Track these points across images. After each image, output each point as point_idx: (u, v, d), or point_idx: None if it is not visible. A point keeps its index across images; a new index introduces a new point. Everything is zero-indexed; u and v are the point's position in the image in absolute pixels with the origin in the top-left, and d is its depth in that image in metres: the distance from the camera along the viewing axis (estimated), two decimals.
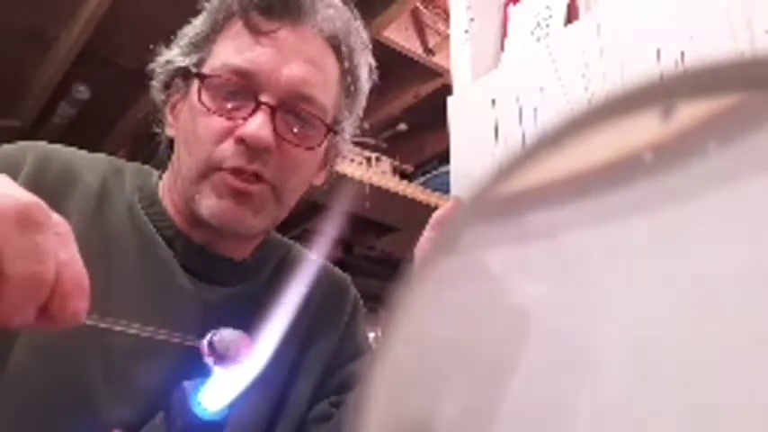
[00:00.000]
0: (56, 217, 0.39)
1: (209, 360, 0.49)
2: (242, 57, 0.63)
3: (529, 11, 0.81)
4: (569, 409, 0.22)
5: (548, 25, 0.76)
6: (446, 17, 1.75)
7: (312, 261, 0.77)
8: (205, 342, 0.49)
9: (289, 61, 0.63)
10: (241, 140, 0.61)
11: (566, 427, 0.23)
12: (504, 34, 0.86)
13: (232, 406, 0.49)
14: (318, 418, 0.69)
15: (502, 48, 0.85)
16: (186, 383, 0.49)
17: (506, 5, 0.87)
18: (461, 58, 0.85)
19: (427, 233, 0.65)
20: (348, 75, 0.69)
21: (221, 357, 0.49)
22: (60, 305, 0.38)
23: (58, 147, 0.68)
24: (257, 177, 0.63)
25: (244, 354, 0.49)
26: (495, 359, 0.25)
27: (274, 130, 0.62)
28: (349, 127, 0.72)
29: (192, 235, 0.67)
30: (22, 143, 0.66)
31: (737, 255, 0.19)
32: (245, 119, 0.62)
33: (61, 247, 0.38)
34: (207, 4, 0.68)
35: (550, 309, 0.23)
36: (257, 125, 0.61)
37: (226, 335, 0.49)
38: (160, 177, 0.71)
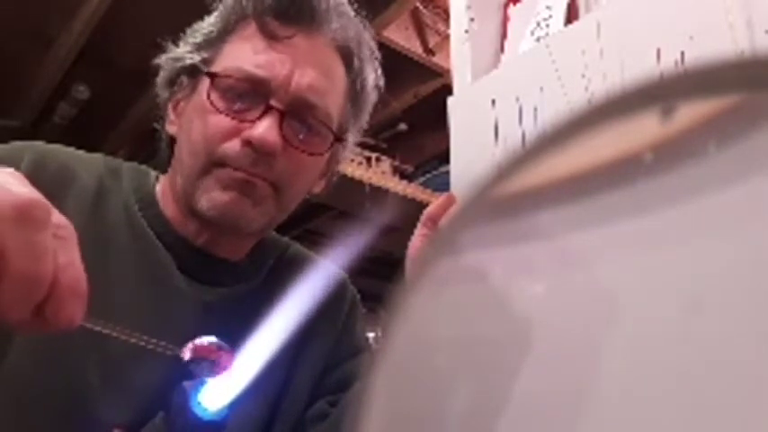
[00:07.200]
0: (59, 218, 0.38)
1: (192, 368, 0.48)
2: (256, 61, 0.63)
3: (529, 11, 0.81)
4: (570, 407, 0.22)
5: (548, 25, 0.76)
6: (446, 17, 1.75)
7: (309, 260, 0.77)
8: (187, 351, 0.49)
9: (301, 68, 0.63)
10: (248, 142, 0.61)
11: (567, 425, 0.23)
12: (504, 34, 0.86)
13: (231, 406, 0.49)
14: (316, 416, 0.69)
15: (502, 48, 0.85)
16: (186, 383, 0.49)
17: (506, 5, 0.87)
18: (461, 58, 0.85)
19: (419, 230, 0.65)
20: (356, 85, 0.69)
21: (203, 367, 0.48)
22: (55, 309, 0.37)
23: (54, 146, 0.68)
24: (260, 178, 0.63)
25: (225, 363, 0.49)
26: (495, 359, 0.25)
27: (281, 134, 0.62)
28: (352, 136, 0.72)
29: (188, 236, 0.67)
30: (18, 143, 0.66)
31: (738, 254, 0.19)
32: (252, 121, 0.62)
33: (61, 250, 0.38)
34: (218, 4, 0.68)
35: (550, 308, 0.23)
36: (265, 128, 0.61)
37: (206, 344, 0.49)
38: (157, 178, 0.71)
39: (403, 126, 2.72)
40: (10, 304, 0.36)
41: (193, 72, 0.66)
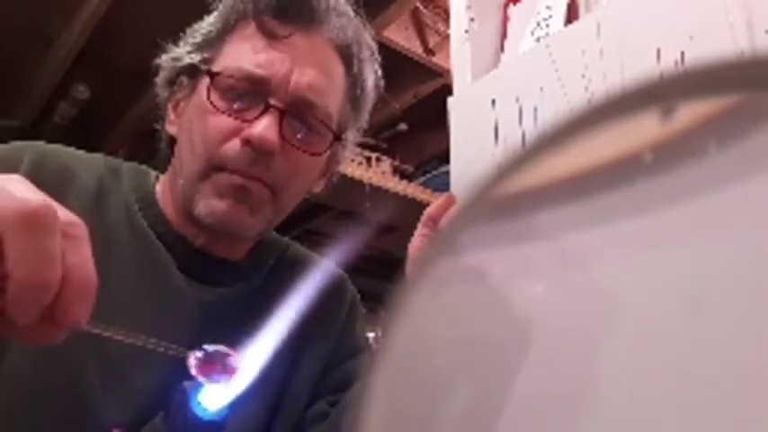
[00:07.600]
0: (69, 216, 0.38)
1: (195, 373, 0.48)
2: (255, 60, 0.63)
3: (529, 11, 0.81)
4: (570, 407, 0.22)
5: (548, 25, 0.76)
6: (446, 17, 1.76)
7: (309, 260, 0.77)
8: (192, 358, 0.49)
9: (300, 67, 0.63)
10: (247, 141, 0.61)
11: (567, 425, 0.23)
12: (504, 34, 0.86)
13: (231, 406, 0.49)
14: (316, 416, 0.69)
15: (502, 48, 0.85)
16: (186, 383, 0.49)
17: (506, 5, 0.87)
18: (461, 58, 0.85)
19: (420, 230, 0.65)
20: (355, 85, 0.69)
21: (208, 374, 0.48)
22: (63, 309, 0.37)
23: (54, 146, 0.68)
24: (258, 180, 0.63)
25: (231, 371, 0.49)
26: (495, 359, 0.25)
27: (280, 133, 0.62)
28: (351, 136, 0.72)
29: (188, 236, 0.67)
30: (18, 143, 0.66)
31: (738, 254, 0.19)
32: (252, 120, 0.62)
33: (72, 250, 0.37)
34: (218, 4, 0.68)
35: (550, 308, 0.23)
36: (264, 127, 0.61)
37: (213, 353, 0.49)
38: (157, 178, 0.71)
39: (403, 126, 2.72)
40: (18, 308, 0.36)
41: (193, 72, 0.66)
